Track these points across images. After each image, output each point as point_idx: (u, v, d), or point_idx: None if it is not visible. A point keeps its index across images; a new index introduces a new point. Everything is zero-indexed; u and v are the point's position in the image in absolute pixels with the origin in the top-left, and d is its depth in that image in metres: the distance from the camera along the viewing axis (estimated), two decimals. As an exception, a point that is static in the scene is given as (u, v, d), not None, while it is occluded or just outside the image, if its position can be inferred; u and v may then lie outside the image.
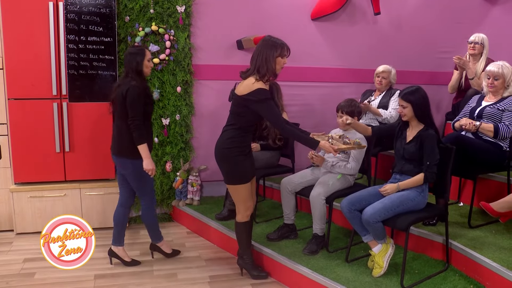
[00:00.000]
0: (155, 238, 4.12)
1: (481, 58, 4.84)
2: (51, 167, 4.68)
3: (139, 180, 3.81)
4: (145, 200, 3.92)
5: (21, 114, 4.52)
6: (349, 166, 3.91)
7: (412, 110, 3.44)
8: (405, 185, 3.41)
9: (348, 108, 3.97)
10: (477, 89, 4.67)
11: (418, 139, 3.41)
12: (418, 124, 3.48)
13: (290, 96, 5.11)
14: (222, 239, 4.43)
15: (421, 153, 3.38)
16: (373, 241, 3.48)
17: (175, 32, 4.88)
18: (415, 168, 3.42)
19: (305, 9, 5.35)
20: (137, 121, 3.62)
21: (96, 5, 4.45)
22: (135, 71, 3.69)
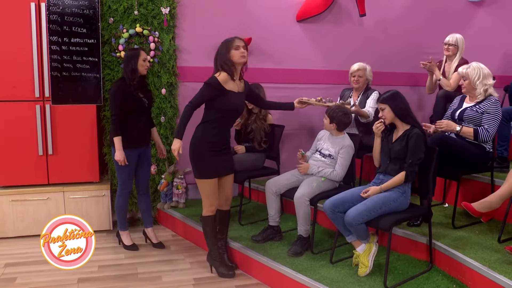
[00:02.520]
0: (120, 226, 4.47)
1: (455, 58, 4.95)
2: (33, 170, 4.69)
3: (116, 166, 4.23)
4: (118, 187, 4.33)
5: (3, 116, 4.54)
6: (335, 173, 3.98)
7: (391, 111, 3.52)
8: (387, 186, 3.48)
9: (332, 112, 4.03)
10: (448, 90, 4.80)
11: (404, 138, 3.49)
12: (403, 125, 3.55)
13: (275, 98, 5.08)
14: (206, 241, 4.45)
15: (407, 151, 3.46)
16: (356, 241, 3.54)
17: (160, 33, 4.92)
18: (399, 169, 3.49)
19: (291, 11, 5.42)
20: (113, 116, 4.03)
21: (79, 6, 4.48)
22: (131, 70, 4.07)
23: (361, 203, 3.44)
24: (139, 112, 4.17)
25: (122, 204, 4.35)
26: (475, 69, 4.03)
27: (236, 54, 3.62)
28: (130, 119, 4.11)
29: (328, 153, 4.06)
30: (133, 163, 4.24)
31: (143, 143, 4.30)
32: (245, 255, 3.98)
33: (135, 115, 4.14)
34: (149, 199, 4.54)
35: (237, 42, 3.65)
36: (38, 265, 4.09)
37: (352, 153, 4.06)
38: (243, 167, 4.64)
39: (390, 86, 5.19)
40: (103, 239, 4.67)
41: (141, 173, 4.40)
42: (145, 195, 4.49)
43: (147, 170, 4.47)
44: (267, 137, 4.69)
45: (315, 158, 4.15)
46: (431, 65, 4.95)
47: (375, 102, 4.75)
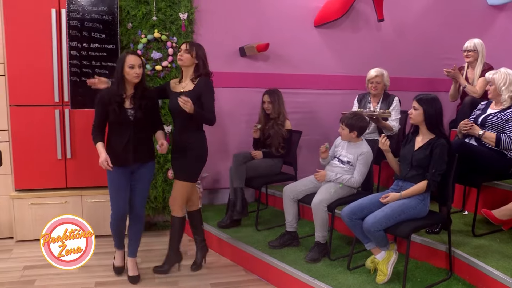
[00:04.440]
0: (115, 244, 4.06)
1: (477, 64, 4.88)
2: (52, 174, 4.73)
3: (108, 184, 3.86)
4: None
5: (23, 120, 4.58)
6: (353, 180, 3.96)
7: (422, 115, 3.48)
8: (407, 194, 3.45)
9: (349, 121, 4.01)
10: (474, 96, 4.72)
11: (429, 146, 3.45)
12: (428, 133, 3.51)
13: (293, 103, 5.18)
14: (223, 246, 4.47)
15: (430, 160, 3.42)
16: (376, 248, 3.52)
17: (178, 39, 4.95)
18: (420, 176, 3.46)
19: (308, 16, 5.44)
20: (92, 126, 3.74)
21: (98, 12, 4.53)
22: (118, 78, 3.61)
23: (380, 210, 3.42)
24: (122, 126, 3.66)
25: (113, 226, 3.90)
26: (502, 75, 3.98)
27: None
28: (113, 132, 3.70)
29: (347, 159, 4.04)
30: (120, 183, 3.74)
31: (130, 161, 3.70)
32: (262, 261, 3.98)
33: (118, 128, 3.67)
34: (139, 227, 3.96)
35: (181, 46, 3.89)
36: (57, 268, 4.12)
37: (371, 159, 4.04)
38: (260, 173, 4.66)
39: (407, 92, 5.19)
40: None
41: (132, 196, 3.84)
42: (135, 221, 3.92)
43: (140, 193, 3.87)
44: (285, 143, 4.68)
45: (333, 165, 4.13)
46: (455, 73, 4.85)
47: (399, 112, 4.73)
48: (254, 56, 5.26)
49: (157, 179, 4.98)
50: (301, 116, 5.41)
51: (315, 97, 5.52)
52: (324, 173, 4.05)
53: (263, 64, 5.35)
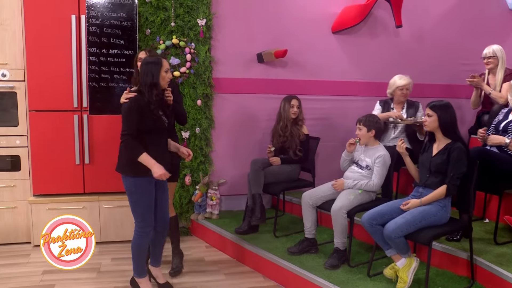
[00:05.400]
0: (137, 271, 3.71)
1: (498, 70, 4.88)
2: (70, 179, 4.79)
3: (129, 199, 3.55)
4: (136, 225, 3.59)
5: (42, 125, 4.66)
6: (371, 184, 3.98)
7: (436, 122, 3.52)
8: (427, 200, 3.47)
9: (366, 120, 4.06)
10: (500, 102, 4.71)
11: (446, 151, 3.48)
12: (444, 138, 3.54)
13: (310, 110, 5.20)
14: (241, 253, 4.50)
15: (448, 165, 3.45)
16: (396, 255, 3.54)
17: (196, 45, 5.03)
18: (440, 182, 3.48)
19: (326, 22, 5.48)
20: (126, 136, 3.36)
21: (118, 18, 4.60)
22: (149, 84, 3.40)
23: (400, 216, 3.44)
24: (158, 134, 3.52)
25: (142, 247, 3.60)
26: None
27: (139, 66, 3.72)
28: (146, 141, 3.42)
29: (366, 164, 4.07)
30: (152, 194, 3.55)
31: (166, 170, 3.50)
32: (281, 267, 4.00)
33: (154, 136, 3.48)
34: (164, 237, 3.81)
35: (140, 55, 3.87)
36: (75, 273, 4.15)
37: (389, 162, 4.06)
38: (278, 179, 4.70)
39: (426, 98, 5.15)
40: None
41: (159, 207, 3.66)
42: (161, 232, 3.75)
43: (165, 203, 3.74)
44: (302, 146, 4.72)
45: (352, 170, 4.17)
46: (479, 81, 4.83)
47: None
48: (272, 62, 5.31)
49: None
50: (318, 123, 5.45)
51: (333, 104, 5.56)
52: (342, 181, 4.09)
53: (280, 71, 5.39)
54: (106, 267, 4.30)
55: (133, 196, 3.51)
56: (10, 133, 4.73)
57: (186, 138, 5.06)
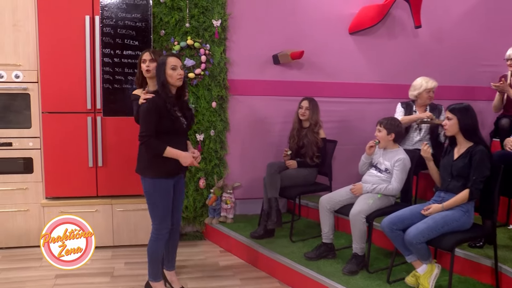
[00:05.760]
0: (152, 275, 3.72)
1: None
2: (83, 182, 4.78)
3: (148, 200, 3.56)
4: (153, 227, 3.60)
5: (55, 127, 4.66)
6: (390, 188, 3.93)
7: (457, 125, 3.47)
8: (449, 205, 3.41)
9: (387, 123, 4.02)
10: None
11: (468, 155, 3.42)
12: (466, 142, 3.49)
13: (326, 112, 5.14)
14: (257, 258, 4.46)
15: (470, 168, 3.39)
16: (417, 261, 3.48)
17: (211, 46, 5.01)
18: (462, 186, 3.42)
19: (343, 23, 5.44)
20: (145, 137, 3.38)
21: (132, 19, 4.59)
22: (160, 84, 3.43)
23: (422, 221, 3.39)
24: (176, 135, 3.51)
25: (159, 249, 3.63)
26: None
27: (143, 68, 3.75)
28: (167, 142, 3.42)
29: (385, 167, 4.02)
30: (170, 196, 3.58)
31: (180, 171, 3.60)
32: (298, 272, 3.95)
33: (172, 138, 3.47)
34: (178, 238, 3.89)
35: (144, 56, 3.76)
36: (89, 277, 4.17)
37: (409, 166, 4.00)
38: (295, 183, 4.66)
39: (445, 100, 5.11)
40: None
41: (173, 208, 3.68)
42: (175, 233, 3.82)
43: (180, 206, 3.81)
44: (319, 152, 4.67)
45: (371, 174, 4.12)
46: (504, 86, 4.74)
47: None
48: (288, 64, 5.27)
49: (189, 188, 5.02)
50: (335, 126, 5.40)
51: (350, 106, 5.51)
52: (360, 186, 4.04)
53: (296, 72, 5.36)
54: (119, 272, 4.27)
55: (151, 197, 3.52)
56: (23, 135, 4.72)
57: (201, 141, 5.03)
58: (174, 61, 3.43)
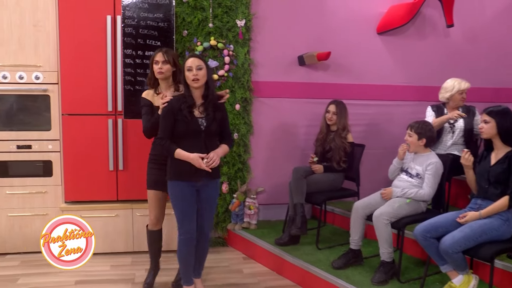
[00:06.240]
0: (183, 280, 3.77)
1: None
2: (103, 186, 4.74)
3: (172, 203, 3.62)
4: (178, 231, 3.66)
5: (75, 130, 4.62)
6: (421, 192, 3.82)
7: (495, 128, 3.36)
8: (487, 212, 3.30)
9: (419, 128, 3.91)
10: None
11: (506, 160, 3.31)
12: (504, 146, 3.37)
13: (353, 115, 5.01)
14: (282, 265, 4.38)
15: (509, 174, 3.27)
16: (453, 271, 3.38)
17: (235, 47, 4.95)
18: (501, 193, 3.30)
19: (371, 22, 5.35)
20: (158, 139, 3.49)
21: (154, 19, 4.53)
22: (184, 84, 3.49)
23: (458, 229, 3.28)
24: (192, 137, 3.46)
25: (182, 254, 3.65)
26: None
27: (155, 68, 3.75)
28: (181, 144, 3.45)
29: (416, 172, 3.92)
30: (188, 200, 3.56)
31: (199, 176, 3.50)
32: (326, 281, 3.86)
33: (187, 140, 3.45)
34: (206, 246, 3.82)
35: (156, 57, 3.75)
36: (109, 284, 4.14)
37: (441, 171, 3.89)
38: (321, 188, 4.59)
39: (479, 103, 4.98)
40: (172, 260, 4.63)
41: (199, 218, 3.67)
42: (204, 240, 3.77)
43: (209, 215, 3.72)
44: (347, 157, 4.58)
45: (401, 179, 4.02)
46: None
47: None
48: (314, 65, 5.19)
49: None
50: (363, 129, 5.31)
51: (378, 109, 5.41)
52: (390, 190, 3.95)
53: (323, 74, 5.27)
54: (140, 278, 4.21)
55: (171, 200, 3.61)
56: (43, 137, 4.70)
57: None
58: (189, 62, 3.42)
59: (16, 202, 4.72)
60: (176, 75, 3.80)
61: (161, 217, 3.98)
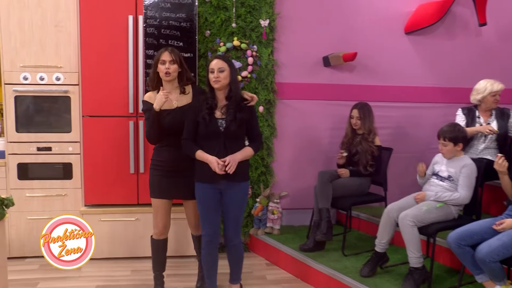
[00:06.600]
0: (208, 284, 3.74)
1: None
2: (123, 189, 4.70)
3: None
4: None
5: (95, 132, 4.59)
6: (456, 195, 3.71)
7: None
8: (527, 220, 3.19)
9: (452, 134, 3.79)
10: None
11: None
12: None
13: (380, 118, 4.93)
14: (307, 272, 4.29)
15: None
16: (489, 281, 3.28)
17: (258, 47, 4.90)
18: (540, 199, 3.20)
19: (398, 22, 5.26)
20: (182, 140, 3.54)
21: (177, 19, 4.49)
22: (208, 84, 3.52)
23: (495, 238, 3.17)
24: (211, 138, 3.46)
25: (204, 256, 3.67)
26: None
27: (161, 69, 3.63)
28: (202, 145, 3.49)
29: (447, 174, 3.82)
30: (208, 202, 3.55)
31: (218, 179, 3.45)
32: (355, 291, 3.77)
33: (207, 141, 3.47)
34: (238, 251, 3.74)
35: (163, 56, 3.62)
36: (130, 290, 4.09)
37: (475, 174, 3.78)
38: (347, 193, 4.50)
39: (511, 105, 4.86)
40: (192, 265, 4.58)
41: (224, 222, 3.65)
42: (230, 250, 3.71)
43: (233, 219, 3.62)
44: (374, 160, 4.48)
45: (432, 183, 3.93)
46: None
47: None
48: (339, 66, 5.12)
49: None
50: (389, 132, 5.21)
51: (405, 111, 5.31)
52: (423, 194, 3.84)
53: (348, 75, 5.20)
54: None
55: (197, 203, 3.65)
56: (63, 139, 4.68)
57: (246, 147, 4.92)
58: (212, 64, 3.45)
59: (35, 205, 4.70)
60: (182, 76, 3.72)
61: (169, 225, 3.92)
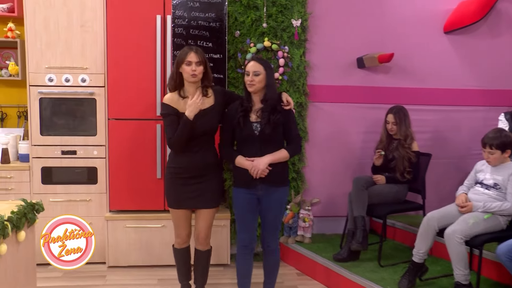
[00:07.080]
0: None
1: None
2: (150, 194, 4.61)
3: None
4: None
5: (121, 135, 4.53)
6: (507, 205, 3.53)
7: None
8: None
9: (498, 140, 3.62)
10: None
11: None
12: None
13: (419, 122, 4.84)
14: (341, 283, 4.15)
15: None
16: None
17: (290, 48, 4.82)
18: None
19: (437, 21, 5.12)
20: (219, 146, 3.63)
21: (206, 18, 4.40)
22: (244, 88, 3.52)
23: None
24: (247, 141, 3.50)
25: (239, 264, 3.70)
26: None
27: (186, 70, 3.51)
28: (239, 150, 3.56)
29: (493, 182, 3.66)
30: (244, 208, 3.56)
31: (254, 183, 3.47)
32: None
33: (243, 146, 3.52)
34: (275, 258, 3.73)
35: (189, 57, 3.51)
36: (156, 299, 4.00)
37: None
38: (383, 200, 4.37)
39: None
40: (220, 274, 4.49)
41: (262, 227, 3.66)
42: (266, 256, 3.73)
43: (270, 224, 3.62)
44: (412, 167, 4.33)
45: (476, 192, 3.76)
46: None
47: None
48: (374, 68, 4.99)
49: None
50: (427, 137, 5.06)
51: (445, 115, 5.15)
52: (471, 205, 3.65)
53: (384, 77, 5.07)
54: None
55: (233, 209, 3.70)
56: (88, 142, 4.62)
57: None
58: (248, 67, 3.47)
59: (59, 210, 4.59)
60: (206, 77, 3.62)
61: (191, 233, 3.85)
